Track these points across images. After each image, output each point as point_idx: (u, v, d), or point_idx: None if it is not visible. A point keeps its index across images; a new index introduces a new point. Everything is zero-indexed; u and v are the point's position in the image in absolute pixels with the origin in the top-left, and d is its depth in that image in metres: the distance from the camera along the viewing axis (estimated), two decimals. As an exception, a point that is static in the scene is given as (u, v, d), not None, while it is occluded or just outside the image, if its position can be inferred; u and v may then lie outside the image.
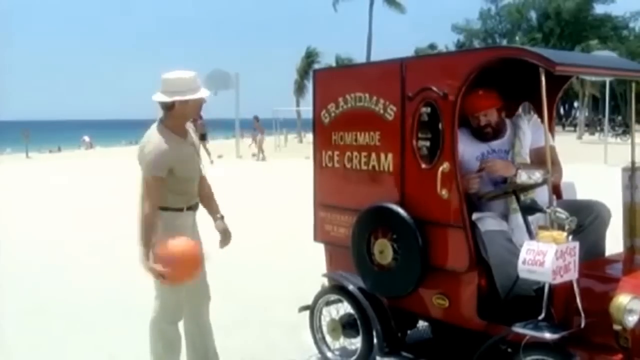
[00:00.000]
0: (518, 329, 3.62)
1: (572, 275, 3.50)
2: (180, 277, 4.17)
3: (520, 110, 5.02)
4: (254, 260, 8.84)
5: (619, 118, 59.73)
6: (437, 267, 4.28)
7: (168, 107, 4.33)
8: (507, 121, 4.67)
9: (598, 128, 50.83)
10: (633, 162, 4.17)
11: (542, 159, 4.02)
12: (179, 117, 4.39)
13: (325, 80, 5.32)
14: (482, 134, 4.56)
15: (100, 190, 17.21)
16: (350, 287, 4.82)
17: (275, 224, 11.61)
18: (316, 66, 50.07)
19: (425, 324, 5.06)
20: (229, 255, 9.04)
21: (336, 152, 5.01)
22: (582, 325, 3.55)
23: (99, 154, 35.56)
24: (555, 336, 3.52)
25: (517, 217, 4.15)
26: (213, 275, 4.55)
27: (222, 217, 4.68)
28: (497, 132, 4.56)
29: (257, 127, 30.89)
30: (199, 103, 4.45)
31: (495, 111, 4.56)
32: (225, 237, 4.64)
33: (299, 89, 55.33)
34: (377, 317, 4.66)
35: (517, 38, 75.02)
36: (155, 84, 4.34)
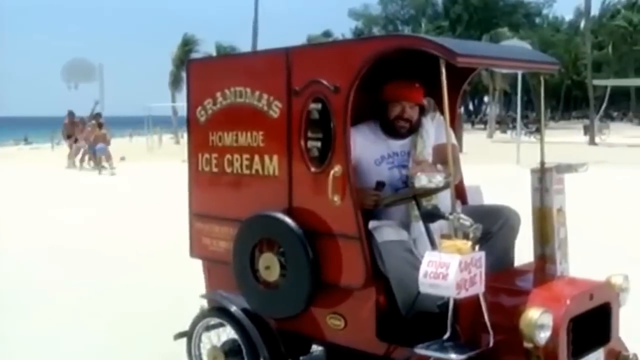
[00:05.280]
0: (421, 350, 3.68)
1: (479, 288, 3.57)
2: None
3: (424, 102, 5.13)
4: (125, 278, 8.76)
5: (533, 114, 61.94)
6: (330, 284, 4.31)
7: None
8: None
9: (510, 125, 52.56)
10: (542, 163, 4.31)
11: (443, 156, 4.12)
12: None
13: (201, 72, 5.29)
14: (394, 129, 4.63)
15: None
16: (233, 309, 4.79)
17: (149, 238, 11.45)
18: (194, 55, 49.67)
19: (320, 348, 5.10)
20: (94, 273, 8.93)
21: (214, 155, 5.00)
22: (491, 343, 3.64)
23: None
24: (462, 357, 3.60)
25: (419, 226, 4.23)
26: (71, 296, 4.46)
27: None
28: (410, 131, 4.65)
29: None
30: None
31: (418, 109, 4.67)
32: None
33: (175, 82, 54.70)
34: (264, 342, 4.65)
35: (421, 25, 76.71)
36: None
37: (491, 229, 4.34)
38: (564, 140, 35.79)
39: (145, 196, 17.53)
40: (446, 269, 3.44)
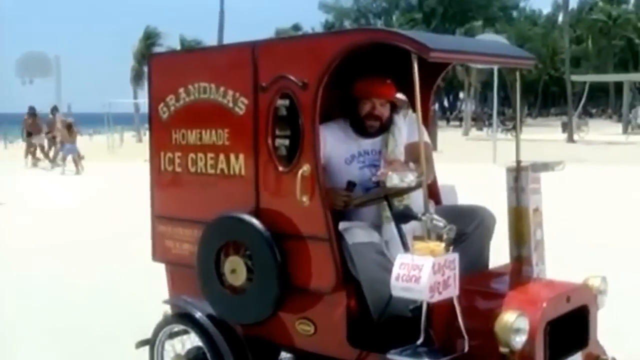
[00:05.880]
0: (394, 356, 3.70)
1: (452, 291, 3.59)
2: None
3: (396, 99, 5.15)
4: (85, 286, 8.71)
5: (510, 111, 62.40)
6: (299, 288, 4.31)
7: None
8: None
9: (486, 122, 52.91)
10: (518, 161, 4.35)
11: (415, 155, 4.15)
12: None
13: (163, 67, 5.28)
14: (365, 127, 4.64)
15: None
16: (197, 315, 4.78)
17: (111, 243, 11.41)
18: (157, 49, 49.57)
19: (289, 355, 5.10)
20: (50, 282, 8.87)
21: (177, 154, 4.98)
22: (466, 348, 3.67)
23: None
24: (435, 362, 3.63)
25: (392, 227, 4.23)
26: (29, 306, 4.45)
27: None
28: (381, 130, 4.65)
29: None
30: None
31: (389, 106, 4.67)
32: None
33: (137, 77, 54.68)
34: (230, 349, 4.64)
35: (394, 18, 77.02)
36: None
37: (465, 230, 4.37)
38: (541, 137, 36.11)
39: (108, 197, 17.44)
40: (419, 272, 3.46)
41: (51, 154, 28.58)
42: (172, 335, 5.11)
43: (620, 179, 19.89)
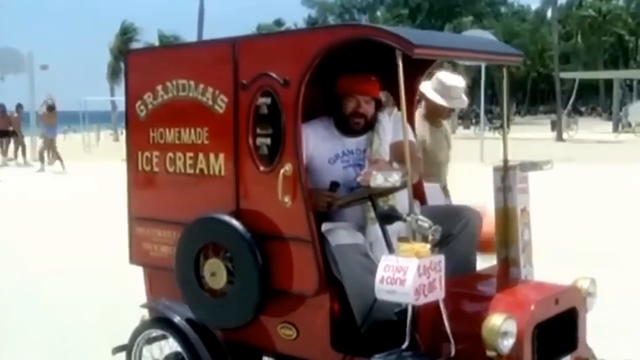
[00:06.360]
0: (378, 361, 3.71)
1: (438, 294, 3.60)
2: None
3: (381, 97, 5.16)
4: (59, 289, 8.67)
5: (498, 109, 62.54)
6: (281, 291, 4.31)
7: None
8: None
9: (474, 121, 53.02)
10: (505, 161, 4.37)
11: (400, 154, 4.16)
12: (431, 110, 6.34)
13: (141, 63, 5.27)
14: (349, 125, 4.64)
15: None
16: (176, 319, 4.77)
17: (86, 245, 11.36)
18: (135, 45, 49.51)
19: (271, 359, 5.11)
20: (24, 286, 8.84)
21: (155, 153, 4.97)
22: (452, 352, 3.68)
23: None
24: (421, 367, 3.65)
25: (376, 229, 4.23)
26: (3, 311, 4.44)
27: None
28: (366, 128, 4.65)
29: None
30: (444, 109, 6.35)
31: (374, 103, 4.67)
32: None
33: (114, 74, 54.48)
34: (210, 354, 4.63)
35: (378, 14, 77.08)
36: None
37: (451, 230, 4.38)
38: (530, 136, 36.30)
39: (84, 196, 17.37)
40: (404, 274, 3.46)
41: (18, 152, 28.63)
42: (150, 341, 5.09)
43: (610, 178, 19.98)
